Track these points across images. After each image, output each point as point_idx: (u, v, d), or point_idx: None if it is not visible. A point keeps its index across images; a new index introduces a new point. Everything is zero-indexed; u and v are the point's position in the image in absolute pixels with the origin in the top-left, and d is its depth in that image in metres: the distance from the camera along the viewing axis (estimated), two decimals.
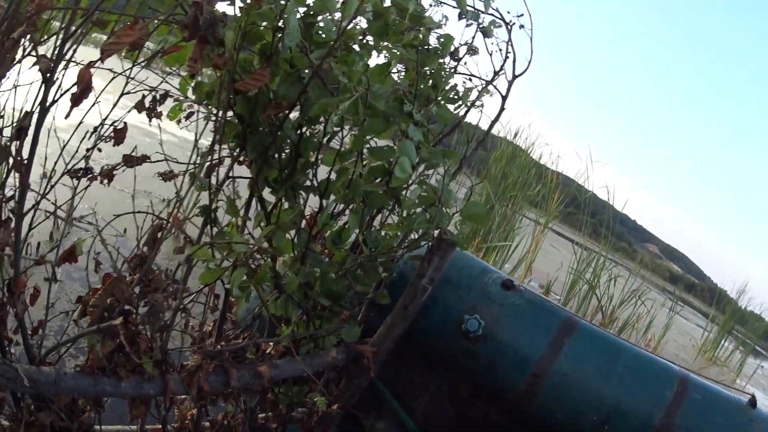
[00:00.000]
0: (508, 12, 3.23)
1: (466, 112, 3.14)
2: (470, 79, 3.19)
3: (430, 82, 2.86)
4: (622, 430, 3.17)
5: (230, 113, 2.41)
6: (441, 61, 2.95)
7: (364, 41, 2.64)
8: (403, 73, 2.96)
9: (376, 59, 2.73)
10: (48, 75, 2.00)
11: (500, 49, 3.25)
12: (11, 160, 2.13)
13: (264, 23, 2.27)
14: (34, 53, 2.03)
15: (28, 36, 2.03)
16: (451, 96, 2.95)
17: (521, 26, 3.22)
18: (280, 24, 2.25)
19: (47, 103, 2.04)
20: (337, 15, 2.44)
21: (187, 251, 2.43)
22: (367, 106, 2.35)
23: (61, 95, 2.07)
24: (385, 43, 2.70)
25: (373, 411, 3.77)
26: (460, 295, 3.34)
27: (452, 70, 3.09)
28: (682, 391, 3.18)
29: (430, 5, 2.95)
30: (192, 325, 2.88)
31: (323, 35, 2.41)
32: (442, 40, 2.95)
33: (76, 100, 2.04)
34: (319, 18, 2.41)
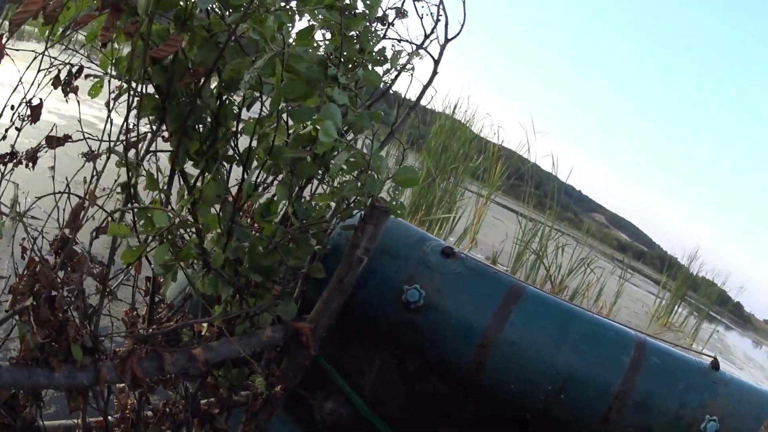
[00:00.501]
0: None
1: (396, 76, 3.04)
2: (400, 42, 3.09)
3: (357, 46, 2.76)
4: (580, 398, 3.12)
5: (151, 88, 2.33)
6: (368, 25, 2.84)
7: (287, 6, 2.53)
8: (329, 41, 2.85)
9: (299, 25, 2.64)
10: None
11: (431, 13, 3.15)
12: None
13: None
14: None
15: None
16: (379, 59, 2.85)
17: None
18: None
19: None
20: None
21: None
22: (285, 67, 2.26)
23: None
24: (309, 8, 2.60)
25: (320, 391, 3.70)
26: (398, 264, 3.24)
27: (381, 34, 2.98)
28: (640, 356, 3.14)
29: None
30: (125, 310, 2.78)
31: None
32: (368, 2, 2.84)
33: None
34: None
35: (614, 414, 3.09)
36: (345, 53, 2.65)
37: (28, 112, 2.42)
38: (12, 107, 2.37)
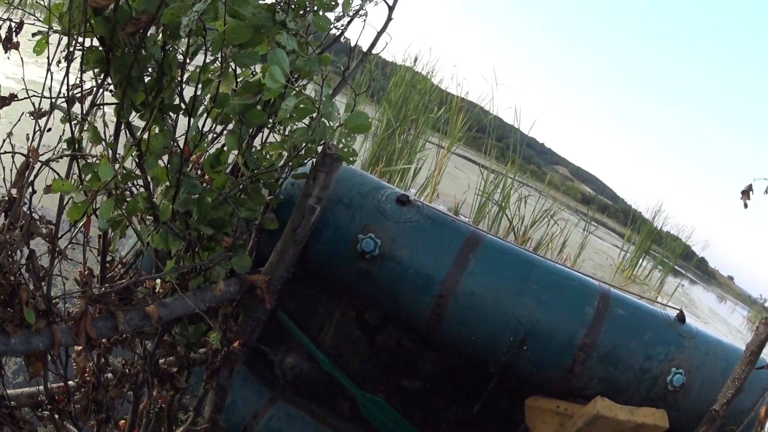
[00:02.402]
0: None
1: (349, 22, 2.97)
2: None
3: None
4: (543, 350, 3.12)
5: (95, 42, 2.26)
6: None
7: None
8: None
9: None
10: None
11: None
12: None
13: None
14: None
15: None
16: (330, 4, 2.77)
17: None
18: None
19: None
20: None
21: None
22: (229, 11, 2.19)
23: None
24: None
25: (281, 346, 3.69)
26: (352, 213, 3.18)
27: None
28: (604, 308, 3.13)
29: None
30: (79, 270, 2.72)
31: None
32: None
33: None
34: None
35: (579, 366, 3.09)
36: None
37: None
38: None
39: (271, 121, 2.65)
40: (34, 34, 2.39)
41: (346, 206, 3.19)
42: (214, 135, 2.68)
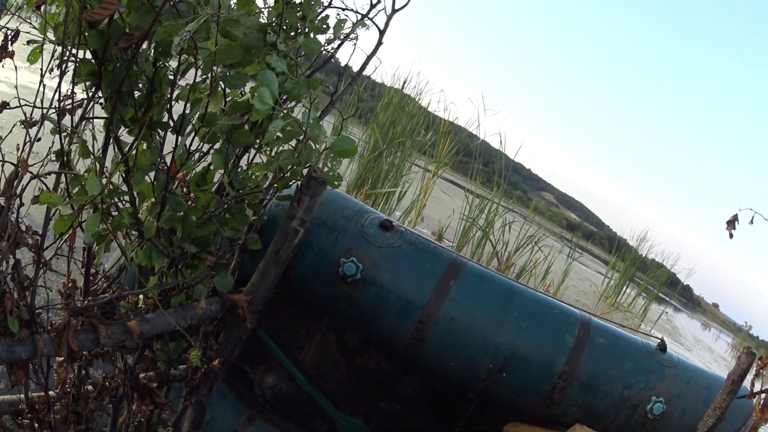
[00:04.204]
0: None
1: (339, 45, 2.98)
2: (344, 11, 3.02)
3: (299, 13, 2.71)
4: (522, 377, 3.13)
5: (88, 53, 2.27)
6: None
7: None
8: (271, 8, 2.79)
9: None
10: None
11: None
12: None
13: None
14: None
15: None
16: (321, 27, 2.79)
17: None
18: None
19: None
20: None
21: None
22: (221, 31, 2.21)
23: None
24: None
25: (261, 365, 3.69)
26: (335, 237, 3.19)
27: (324, 2, 2.91)
28: (585, 336, 3.15)
29: None
30: (63, 281, 2.72)
31: None
32: None
33: None
34: None
35: (558, 394, 3.10)
36: (287, 20, 2.60)
37: None
38: None
39: (257, 142, 2.67)
40: (29, 42, 2.40)
41: (329, 229, 3.20)
42: (201, 153, 2.70)
